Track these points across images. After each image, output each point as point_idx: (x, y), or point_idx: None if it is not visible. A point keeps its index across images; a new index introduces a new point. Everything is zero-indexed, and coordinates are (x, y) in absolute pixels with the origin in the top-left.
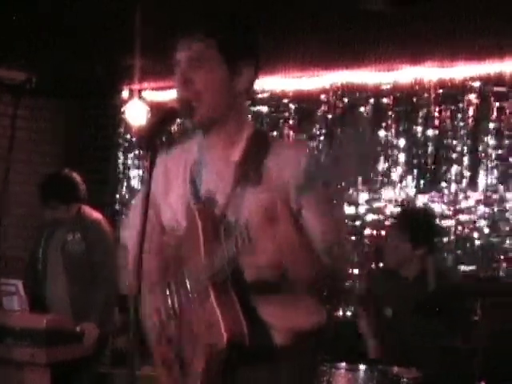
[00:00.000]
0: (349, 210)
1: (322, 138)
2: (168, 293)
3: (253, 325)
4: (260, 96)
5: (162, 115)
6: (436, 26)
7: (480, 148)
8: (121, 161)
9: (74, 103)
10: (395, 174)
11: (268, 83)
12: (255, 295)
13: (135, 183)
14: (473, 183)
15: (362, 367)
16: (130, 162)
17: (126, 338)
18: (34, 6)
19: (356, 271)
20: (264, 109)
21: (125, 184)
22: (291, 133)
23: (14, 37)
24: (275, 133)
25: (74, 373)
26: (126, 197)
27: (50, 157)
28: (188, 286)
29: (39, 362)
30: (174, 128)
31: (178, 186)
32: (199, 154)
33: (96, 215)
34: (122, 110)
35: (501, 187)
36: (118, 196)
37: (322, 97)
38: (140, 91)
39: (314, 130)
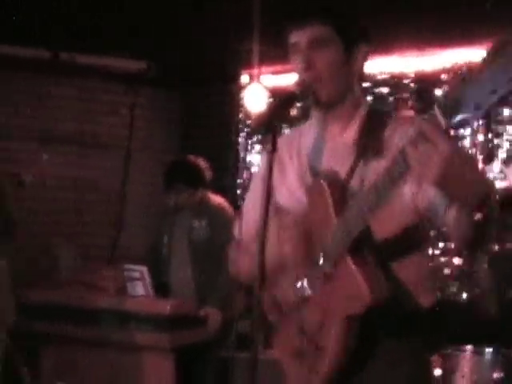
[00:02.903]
0: None
1: None
2: (296, 278)
3: (391, 287)
4: (380, 77)
5: (281, 99)
6: None
7: None
8: (241, 146)
9: (193, 90)
10: None
11: (387, 64)
12: (390, 256)
13: (256, 168)
14: None
15: (488, 350)
16: (250, 147)
17: (249, 323)
18: None
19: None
20: (384, 90)
21: (245, 169)
22: (411, 113)
23: (132, 26)
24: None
25: (198, 357)
26: (247, 182)
27: (169, 144)
28: (321, 261)
29: (163, 347)
30: (294, 112)
31: (294, 167)
32: (316, 136)
33: (220, 201)
34: (241, 95)
35: None
36: (238, 182)
37: (443, 76)
38: (259, 76)
39: None
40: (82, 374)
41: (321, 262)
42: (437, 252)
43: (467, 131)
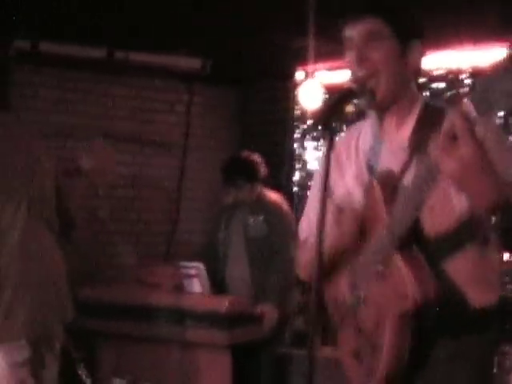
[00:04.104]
0: None
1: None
2: (350, 277)
3: (441, 286)
4: (436, 73)
5: (338, 95)
6: None
7: None
8: (296, 143)
9: (248, 87)
10: None
11: (444, 59)
12: (440, 253)
13: (311, 165)
14: None
15: None
16: (306, 144)
17: (305, 319)
18: None
19: None
20: (441, 85)
21: (301, 166)
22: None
23: (188, 24)
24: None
25: (254, 354)
26: (303, 179)
27: (225, 142)
28: (372, 259)
29: (220, 344)
30: (350, 109)
31: (352, 167)
32: (374, 133)
33: (276, 197)
34: (297, 92)
35: None
36: (294, 179)
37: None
38: (314, 72)
39: None
40: (138, 371)
41: (373, 260)
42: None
43: None
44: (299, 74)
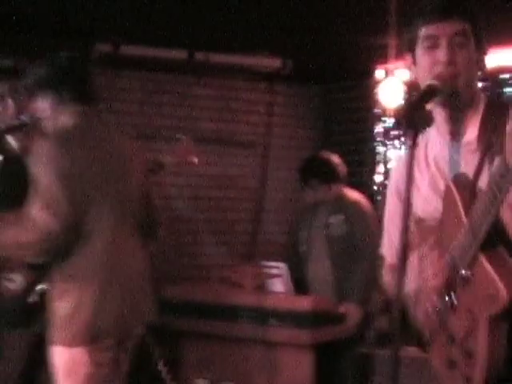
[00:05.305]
0: None
1: None
2: (439, 285)
3: None
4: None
5: (421, 93)
6: None
7: None
8: (378, 142)
9: (329, 86)
10: None
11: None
12: None
13: (393, 164)
14: None
15: None
16: (387, 142)
17: (388, 319)
18: None
19: None
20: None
21: (383, 164)
22: None
23: (268, 24)
24: None
25: (337, 353)
26: (384, 177)
27: (306, 141)
28: (457, 264)
29: (303, 344)
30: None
31: (425, 177)
32: (442, 138)
33: (357, 196)
34: (377, 90)
35: None
36: (375, 177)
37: None
38: (394, 70)
39: None
40: (220, 371)
41: (457, 266)
42: None
43: None
44: (379, 72)
